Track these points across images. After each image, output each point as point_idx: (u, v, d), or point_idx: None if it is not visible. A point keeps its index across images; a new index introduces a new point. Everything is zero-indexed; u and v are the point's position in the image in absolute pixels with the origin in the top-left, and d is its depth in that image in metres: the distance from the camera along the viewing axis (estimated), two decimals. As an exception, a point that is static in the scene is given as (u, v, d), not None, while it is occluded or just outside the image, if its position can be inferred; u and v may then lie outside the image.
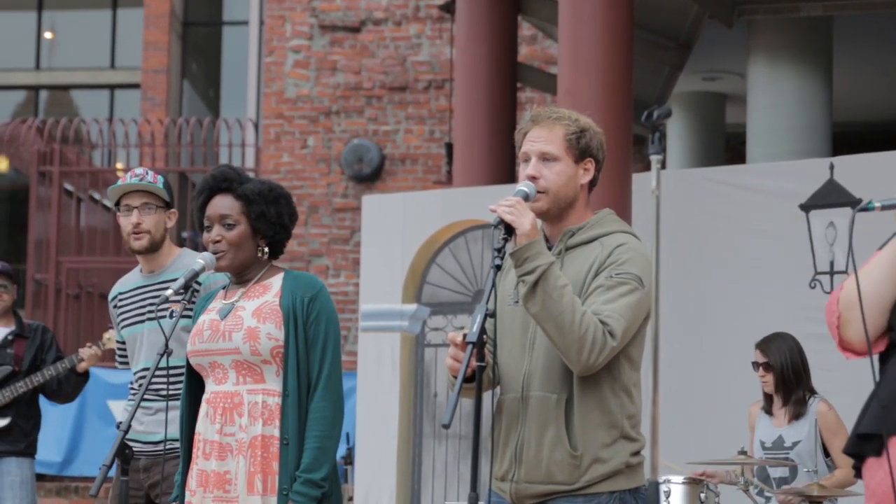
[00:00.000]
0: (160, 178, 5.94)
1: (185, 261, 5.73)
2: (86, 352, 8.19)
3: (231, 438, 4.80)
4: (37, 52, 23.38)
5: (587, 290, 4.40)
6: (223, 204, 4.94)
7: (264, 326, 4.83)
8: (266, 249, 5.01)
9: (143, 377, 5.47)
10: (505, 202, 4.28)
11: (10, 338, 8.54)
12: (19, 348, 8.58)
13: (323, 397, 4.82)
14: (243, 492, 4.76)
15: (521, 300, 4.35)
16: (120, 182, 5.97)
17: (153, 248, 5.88)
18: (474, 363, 4.14)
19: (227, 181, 4.97)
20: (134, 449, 5.20)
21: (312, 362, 4.85)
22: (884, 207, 3.81)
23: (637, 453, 4.45)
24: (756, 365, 7.56)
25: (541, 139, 4.54)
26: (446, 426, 4.07)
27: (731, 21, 12.29)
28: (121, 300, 5.99)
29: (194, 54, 19.90)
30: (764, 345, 7.55)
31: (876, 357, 3.91)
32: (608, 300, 4.31)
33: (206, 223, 4.99)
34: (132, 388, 5.91)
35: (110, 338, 7.59)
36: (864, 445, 3.85)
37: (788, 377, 7.48)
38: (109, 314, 6.13)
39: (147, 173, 5.94)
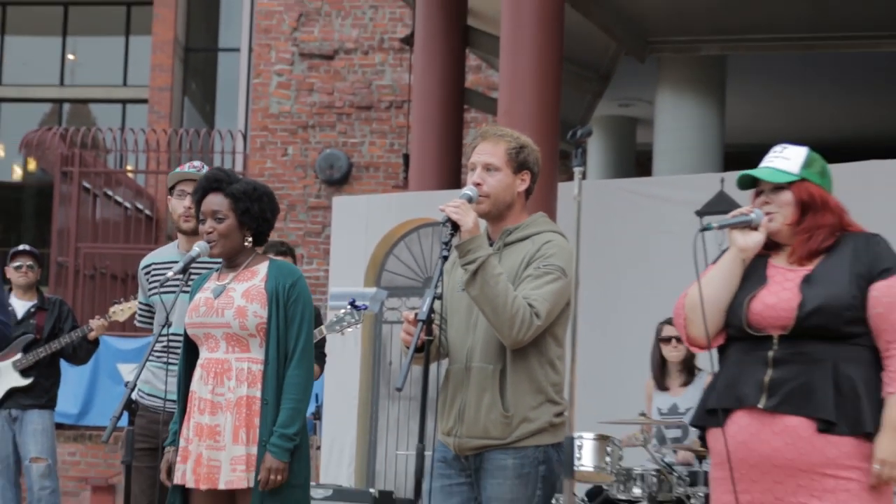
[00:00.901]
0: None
1: None
2: (95, 323, 8.23)
3: (221, 398, 4.83)
4: (61, 72, 23.24)
5: (520, 278, 4.41)
6: (214, 201, 4.94)
7: (251, 306, 4.85)
8: (251, 239, 5.01)
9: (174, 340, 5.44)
10: (452, 203, 4.32)
11: (32, 310, 8.50)
12: (40, 319, 8.54)
13: (297, 366, 4.86)
14: (230, 442, 4.79)
15: (463, 286, 4.38)
16: (179, 169, 5.88)
17: (197, 230, 5.79)
18: (423, 337, 4.23)
19: (218, 182, 4.97)
20: (156, 405, 5.35)
21: (290, 337, 4.88)
22: (721, 227, 3.97)
23: (560, 414, 4.45)
24: (669, 339, 7.55)
25: (486, 152, 4.56)
26: (399, 389, 4.17)
27: (643, 57, 12.30)
28: (154, 269, 5.81)
29: (194, 75, 19.80)
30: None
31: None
32: (535, 287, 4.35)
33: (200, 217, 5.00)
34: (156, 353, 5.76)
35: (115, 311, 7.50)
36: (709, 419, 3.95)
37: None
38: (138, 280, 5.98)
39: (203, 167, 5.84)
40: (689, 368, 7.60)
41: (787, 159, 3.95)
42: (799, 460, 3.70)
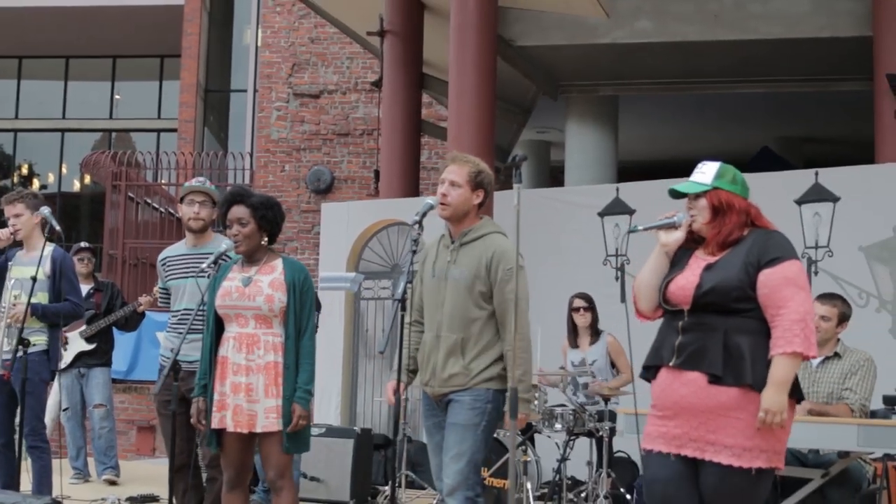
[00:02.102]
0: (213, 188, 5.81)
1: (216, 242, 5.55)
2: (143, 299, 8.20)
3: (253, 363, 4.79)
4: (110, 107, 23.13)
5: (491, 277, 4.53)
6: (238, 210, 4.91)
7: (277, 294, 4.84)
8: (266, 239, 4.98)
9: (187, 315, 5.42)
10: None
11: (91, 291, 8.42)
12: (98, 298, 8.46)
13: (309, 339, 4.88)
14: (262, 396, 4.77)
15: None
16: (187, 184, 5.83)
17: (203, 230, 5.73)
18: (400, 312, 4.45)
19: (241, 196, 4.97)
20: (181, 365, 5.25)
21: (303, 317, 4.88)
22: (646, 229, 3.98)
23: (504, 369, 4.56)
24: (579, 308, 7.57)
25: (453, 172, 4.64)
26: (382, 353, 4.28)
27: (555, 96, 12.33)
28: (169, 261, 5.75)
29: (212, 111, 19.62)
30: (583, 296, 7.61)
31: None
32: (511, 290, 4.42)
33: (227, 224, 4.97)
34: (171, 325, 5.71)
35: (157, 291, 7.48)
36: (646, 373, 3.96)
37: (595, 314, 7.60)
38: (157, 270, 5.91)
39: (206, 181, 5.83)
40: (594, 331, 7.60)
41: (703, 173, 3.94)
42: (699, 404, 3.72)
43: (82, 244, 8.79)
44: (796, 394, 3.77)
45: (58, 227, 6.01)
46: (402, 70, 11.19)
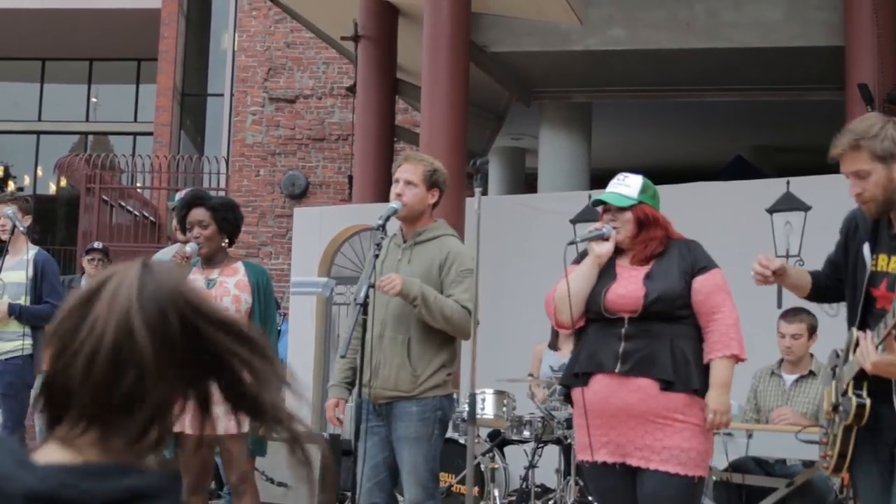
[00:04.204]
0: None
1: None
2: None
3: None
4: (87, 110, 23.00)
5: (442, 276, 4.42)
6: (199, 213, 4.89)
7: (243, 294, 4.87)
8: (226, 241, 4.96)
9: None
10: (387, 283, 4.28)
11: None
12: None
13: (273, 341, 5.12)
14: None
15: (418, 312, 4.34)
16: (177, 197, 5.83)
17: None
18: (361, 316, 4.38)
19: (200, 198, 4.96)
20: None
21: (266, 318, 4.93)
22: (582, 240, 4.06)
23: (449, 374, 4.49)
24: None
25: (407, 171, 4.53)
26: (343, 357, 4.44)
27: (528, 102, 12.28)
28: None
29: (188, 114, 19.52)
30: None
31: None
32: (463, 290, 4.35)
33: (188, 226, 4.94)
34: None
35: None
36: (574, 380, 3.97)
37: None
38: None
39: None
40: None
41: (627, 186, 3.97)
42: (649, 411, 3.72)
43: (95, 244, 8.53)
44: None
45: (21, 228, 5.93)
46: (375, 75, 11.11)
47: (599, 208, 4.09)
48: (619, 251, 3.98)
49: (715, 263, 3.90)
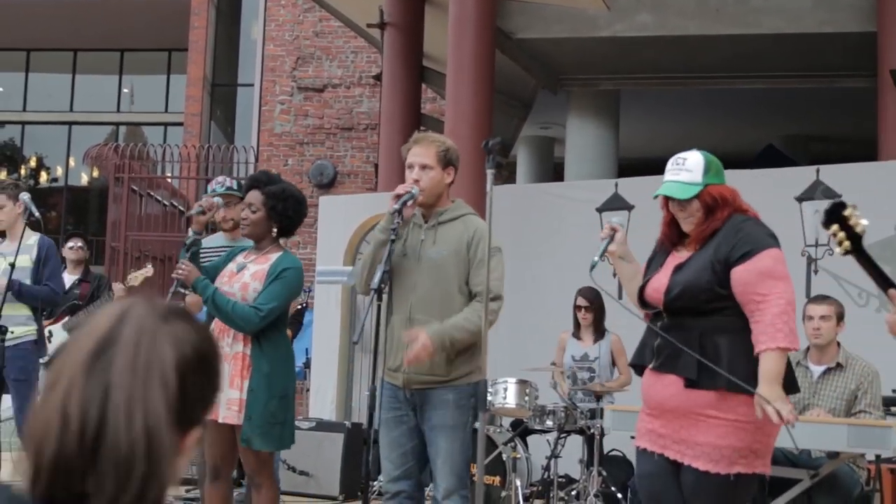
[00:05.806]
0: (234, 182, 5.81)
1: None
2: (117, 287, 7.98)
3: (222, 351, 4.59)
4: (118, 101, 23.13)
5: (470, 254, 4.28)
6: (253, 195, 4.83)
7: (253, 283, 4.72)
8: (276, 230, 4.84)
9: None
10: (416, 356, 4.17)
11: (76, 282, 8.28)
12: (84, 289, 8.32)
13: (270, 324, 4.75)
14: (226, 386, 4.58)
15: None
16: (211, 187, 5.88)
17: (233, 229, 5.82)
18: (377, 301, 4.20)
19: (258, 182, 4.87)
20: None
21: (265, 295, 4.74)
22: (600, 257, 3.78)
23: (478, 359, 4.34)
24: (580, 307, 7.34)
25: (421, 155, 4.38)
26: (355, 342, 4.10)
27: (556, 90, 12.17)
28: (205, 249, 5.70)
29: (218, 104, 19.52)
30: (586, 295, 7.30)
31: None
32: (491, 271, 4.06)
33: (243, 206, 4.91)
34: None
35: (130, 279, 7.31)
36: (635, 370, 3.94)
37: (599, 314, 7.30)
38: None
39: (226, 180, 5.89)
40: (597, 328, 7.34)
41: (689, 171, 3.66)
42: (679, 406, 3.63)
43: (74, 231, 8.59)
44: (791, 388, 3.61)
45: (36, 214, 5.95)
46: (401, 63, 11.03)
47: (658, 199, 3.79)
48: (678, 240, 3.76)
49: (766, 243, 3.55)
